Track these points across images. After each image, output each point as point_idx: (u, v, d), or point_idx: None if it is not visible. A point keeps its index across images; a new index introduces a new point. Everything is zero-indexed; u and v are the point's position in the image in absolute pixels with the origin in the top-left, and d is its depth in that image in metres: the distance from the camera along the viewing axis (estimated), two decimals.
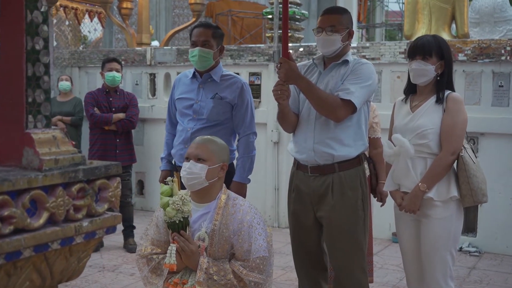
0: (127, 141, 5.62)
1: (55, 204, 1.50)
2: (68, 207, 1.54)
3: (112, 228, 1.69)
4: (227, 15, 17.49)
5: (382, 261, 5.29)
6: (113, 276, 4.78)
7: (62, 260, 1.59)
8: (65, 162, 1.55)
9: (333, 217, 3.06)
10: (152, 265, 2.82)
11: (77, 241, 1.58)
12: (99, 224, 1.63)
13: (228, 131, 3.61)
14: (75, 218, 1.57)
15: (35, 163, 1.50)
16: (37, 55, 1.54)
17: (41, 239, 1.47)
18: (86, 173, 1.58)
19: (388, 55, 6.05)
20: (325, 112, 3.03)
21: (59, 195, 1.51)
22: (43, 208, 1.48)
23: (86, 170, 1.58)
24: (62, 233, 1.52)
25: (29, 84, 1.52)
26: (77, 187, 1.56)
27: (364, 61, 3.15)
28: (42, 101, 1.56)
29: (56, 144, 1.56)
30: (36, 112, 1.55)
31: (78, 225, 1.57)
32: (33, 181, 1.44)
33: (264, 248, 2.69)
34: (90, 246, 1.67)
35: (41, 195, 1.47)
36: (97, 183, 1.62)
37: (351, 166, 3.10)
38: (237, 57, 6.79)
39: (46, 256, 1.54)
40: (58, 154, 1.55)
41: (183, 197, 2.61)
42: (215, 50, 3.55)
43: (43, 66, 1.56)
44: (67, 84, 6.93)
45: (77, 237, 1.58)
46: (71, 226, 1.55)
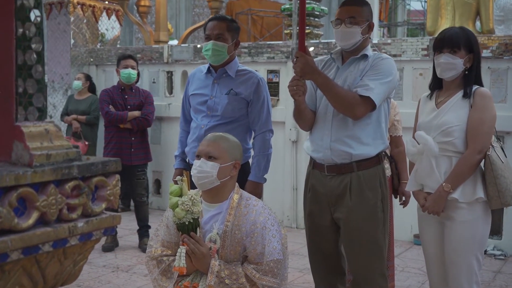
0: (143, 139, 5.52)
1: (46, 203, 1.38)
2: (61, 206, 1.43)
3: (111, 229, 1.57)
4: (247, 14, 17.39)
5: (403, 264, 5.12)
6: (127, 277, 4.69)
7: (56, 263, 1.48)
8: (58, 157, 1.43)
9: (351, 219, 2.92)
10: (162, 268, 2.70)
11: (72, 243, 1.46)
12: (96, 225, 1.52)
13: (243, 128, 3.48)
14: (69, 218, 1.45)
15: (25, 158, 1.39)
16: (28, 42, 1.42)
17: (30, 241, 1.36)
18: (81, 170, 1.46)
19: (410, 52, 5.88)
20: (342, 109, 2.89)
21: (50, 193, 1.39)
22: (32, 207, 1.37)
23: (81, 167, 1.46)
24: (54, 235, 1.41)
25: (20, 74, 1.41)
26: (71, 184, 1.45)
27: (385, 56, 3.00)
28: (34, 92, 1.45)
29: (49, 138, 1.44)
30: (27, 104, 1.44)
31: (72, 226, 1.45)
32: (21, 177, 1.32)
33: (278, 250, 2.56)
34: (87, 248, 1.55)
35: (30, 193, 1.35)
36: (93, 181, 1.50)
37: (370, 165, 2.95)
38: (255, 55, 6.67)
39: (37, 259, 1.42)
40: (51, 149, 1.43)
41: (193, 197, 2.48)
42: (230, 44, 3.42)
43: (36, 55, 1.44)
44: (77, 83, 6.89)
45: (72, 238, 1.46)
46: (64, 227, 1.44)
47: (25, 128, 1.41)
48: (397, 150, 3.91)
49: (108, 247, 5.43)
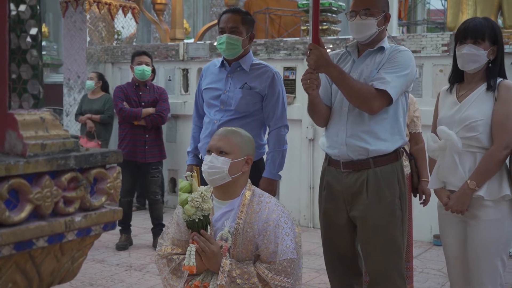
0: (157, 136, 5.45)
1: (40, 196, 1.30)
2: (57, 199, 1.34)
3: (112, 224, 1.49)
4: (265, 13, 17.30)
5: (422, 265, 4.99)
6: (140, 276, 4.62)
7: (52, 260, 1.40)
8: (53, 147, 1.35)
9: (368, 217, 2.81)
10: (172, 266, 2.62)
11: (69, 238, 1.38)
12: (95, 220, 1.43)
13: (257, 124, 3.38)
14: (65, 212, 1.37)
15: (18, 148, 1.31)
16: (22, 25, 1.34)
17: (23, 235, 1.27)
18: (78, 161, 1.37)
19: (430, 48, 5.73)
20: (358, 103, 2.78)
21: (45, 185, 1.31)
22: (25, 200, 1.29)
23: (79, 158, 1.37)
24: (49, 229, 1.32)
25: (13, 58, 1.33)
26: (68, 176, 1.36)
27: (402, 48, 2.89)
28: (29, 78, 1.37)
29: (45, 127, 1.36)
30: (21, 90, 1.35)
31: (69, 220, 1.37)
32: (13, 168, 1.24)
33: (292, 249, 2.46)
34: (85, 244, 1.47)
35: (23, 185, 1.27)
36: (92, 173, 1.42)
37: (387, 161, 2.84)
38: (271, 51, 6.57)
39: (31, 255, 1.34)
40: (46, 138, 1.35)
41: (203, 194, 2.40)
42: (244, 37, 3.33)
43: (31, 38, 1.36)
44: (89, 83, 6.88)
45: (68, 233, 1.37)
46: (60, 221, 1.35)
47: (18, 116, 1.33)
48: (417, 147, 3.79)
49: (122, 245, 5.37)
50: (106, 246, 5.46)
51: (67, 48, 7.91)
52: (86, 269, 4.74)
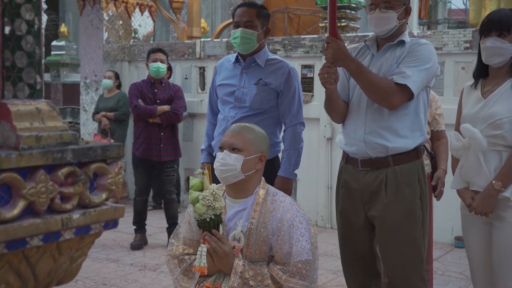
0: (172, 134, 5.37)
1: (34, 191, 1.22)
2: (53, 195, 1.26)
3: (113, 222, 1.40)
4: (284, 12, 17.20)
5: (443, 268, 4.85)
6: (154, 276, 4.55)
7: (48, 259, 1.31)
8: (50, 140, 1.27)
9: (387, 217, 2.70)
10: (183, 267, 2.54)
11: (66, 237, 1.30)
12: (95, 217, 1.34)
13: (272, 121, 3.28)
14: (62, 209, 1.28)
15: (11, 140, 1.22)
16: (17, 10, 1.26)
17: (15, 233, 1.19)
18: (76, 154, 1.29)
19: (452, 45, 5.59)
20: (377, 98, 2.67)
21: (40, 180, 1.23)
22: (18, 195, 1.21)
23: (77, 151, 1.29)
24: (44, 227, 1.24)
25: (7, 45, 1.25)
26: (65, 171, 1.28)
27: (423, 42, 2.77)
28: (24, 66, 1.28)
29: (41, 118, 1.28)
30: (16, 79, 1.27)
31: (66, 218, 1.28)
32: (4, 161, 1.16)
33: (307, 250, 2.36)
34: (85, 243, 1.38)
35: (15, 179, 1.19)
36: (91, 167, 1.33)
37: (407, 159, 2.72)
38: (289, 49, 6.47)
39: (25, 254, 1.26)
40: (42, 130, 1.27)
41: (215, 192, 2.30)
42: (260, 32, 3.23)
43: (26, 24, 1.28)
44: (108, 83, 6.87)
45: (66, 232, 1.29)
46: (56, 219, 1.27)
47: (12, 106, 1.25)
48: (439, 142, 3.65)
49: (136, 245, 5.31)
50: (121, 246, 5.40)
51: (84, 46, 7.89)
52: (100, 268, 4.69)
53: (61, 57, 16.51)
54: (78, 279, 4.39)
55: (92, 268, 4.70)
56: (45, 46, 18.10)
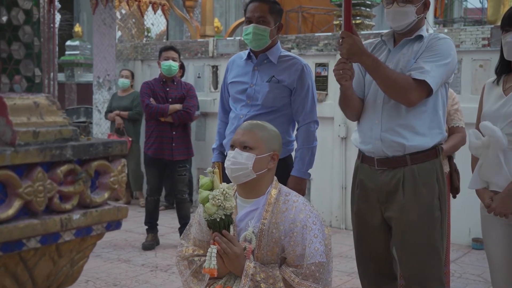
0: (184, 133, 5.30)
1: (31, 190, 1.15)
2: (51, 195, 1.19)
3: (116, 223, 1.33)
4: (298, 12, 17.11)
5: (461, 270, 4.74)
6: (165, 277, 4.49)
7: (47, 262, 1.24)
8: (48, 136, 1.20)
9: (404, 218, 2.61)
10: (193, 269, 2.47)
11: (65, 238, 1.23)
12: (96, 218, 1.27)
13: (285, 119, 3.20)
14: (61, 209, 1.21)
15: (7, 135, 1.16)
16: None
17: (10, 235, 1.12)
18: (76, 151, 1.22)
19: (469, 42, 5.46)
20: (394, 95, 2.58)
21: (37, 178, 1.16)
22: (14, 195, 1.14)
23: (77, 148, 1.22)
24: (42, 228, 1.17)
25: (3, 35, 1.18)
26: (65, 169, 1.21)
27: (442, 36, 2.68)
28: (21, 58, 1.22)
29: (39, 113, 1.21)
30: (12, 71, 1.21)
31: (65, 218, 1.21)
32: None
33: (321, 252, 2.28)
34: (87, 245, 1.31)
35: (10, 177, 1.12)
36: (93, 165, 1.26)
37: (425, 158, 2.63)
38: (302, 47, 6.38)
39: (22, 256, 1.19)
40: (40, 125, 1.20)
41: (225, 191, 2.23)
42: (272, 28, 3.15)
43: (23, 13, 1.21)
44: (125, 82, 6.84)
45: (65, 233, 1.22)
46: (55, 219, 1.20)
47: (8, 100, 1.18)
48: (453, 135, 3.54)
49: (148, 245, 5.25)
50: (132, 246, 5.35)
51: (97, 45, 7.85)
52: (111, 269, 4.64)
53: (75, 57, 16.56)
54: (89, 280, 4.34)
55: (103, 268, 4.65)
56: (59, 46, 18.14)
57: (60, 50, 18.09)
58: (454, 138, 3.53)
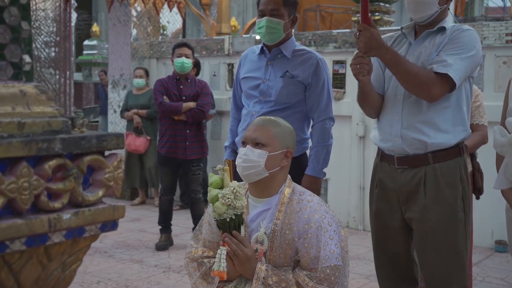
0: (198, 132, 5.19)
1: (15, 187, 1.05)
2: (38, 192, 1.09)
3: (112, 224, 1.22)
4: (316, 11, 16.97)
5: (483, 273, 4.58)
6: (178, 278, 4.39)
7: (35, 266, 1.14)
8: (35, 127, 1.09)
9: (426, 220, 2.47)
10: (203, 271, 2.36)
11: (54, 240, 1.12)
12: (89, 217, 1.17)
13: (300, 116, 3.07)
14: (49, 208, 1.11)
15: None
16: None
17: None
18: (66, 145, 1.11)
19: (492, 38, 5.29)
20: (415, 90, 2.45)
21: (22, 174, 1.05)
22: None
23: (67, 141, 1.11)
24: (27, 228, 1.07)
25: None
26: (53, 163, 1.10)
27: (465, 28, 2.54)
28: (7, 42, 1.11)
29: (25, 102, 1.10)
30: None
31: (54, 218, 1.11)
32: None
33: (337, 255, 2.15)
34: (80, 247, 1.21)
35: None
36: (85, 160, 1.15)
37: (448, 156, 2.49)
38: (319, 44, 6.24)
39: (6, 260, 1.09)
40: (26, 116, 1.09)
41: (235, 190, 2.11)
42: (286, 21, 3.02)
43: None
44: (140, 82, 6.78)
45: (54, 234, 1.12)
46: (42, 219, 1.09)
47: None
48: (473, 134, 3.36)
49: (161, 245, 5.15)
50: (146, 246, 5.26)
51: (112, 43, 7.80)
52: (123, 269, 4.55)
53: (92, 56, 16.61)
54: (101, 280, 4.26)
55: (115, 269, 4.56)
56: (77, 46, 18.22)
57: (78, 50, 18.18)
58: (474, 137, 3.37)
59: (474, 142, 3.38)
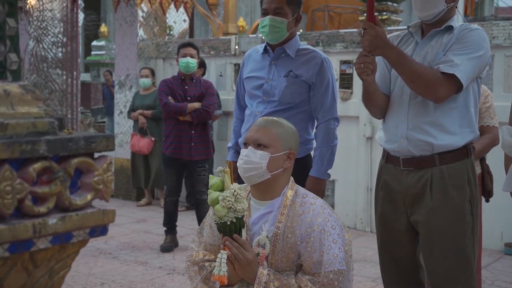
0: (203, 133, 5.14)
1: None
2: (22, 196, 1.04)
3: (101, 229, 1.17)
4: (324, 11, 16.91)
5: (492, 277, 4.50)
6: (182, 280, 4.34)
7: (20, 273, 1.09)
8: (19, 128, 1.05)
9: (432, 223, 2.41)
10: (204, 275, 2.31)
11: (40, 246, 1.07)
12: (77, 222, 1.12)
13: (304, 116, 3.02)
14: (34, 213, 1.06)
15: None
16: None
17: None
18: (52, 147, 1.07)
19: (502, 37, 5.21)
20: (421, 90, 2.40)
21: (4, 177, 1.01)
22: None
23: (53, 142, 1.07)
24: (10, 234, 1.02)
25: None
26: (38, 166, 1.05)
27: (474, 27, 2.48)
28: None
29: (9, 102, 1.06)
30: None
31: (39, 223, 1.06)
32: None
33: (340, 259, 2.10)
34: (68, 253, 1.16)
35: None
36: (72, 163, 1.11)
37: (456, 158, 2.43)
38: (326, 44, 6.18)
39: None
40: (10, 117, 1.05)
41: (236, 192, 2.06)
42: (290, 19, 2.97)
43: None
44: (146, 82, 6.75)
45: (39, 240, 1.07)
46: (26, 224, 1.05)
47: None
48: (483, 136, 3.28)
49: (166, 247, 5.11)
50: (151, 248, 5.22)
51: (118, 44, 7.77)
52: (127, 271, 4.52)
53: (101, 57, 16.62)
54: (104, 282, 4.22)
55: (119, 270, 4.53)
56: (86, 46, 18.24)
57: (86, 50, 18.20)
58: (483, 139, 3.30)
59: (483, 146, 3.30)
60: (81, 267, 4.55)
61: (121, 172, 7.57)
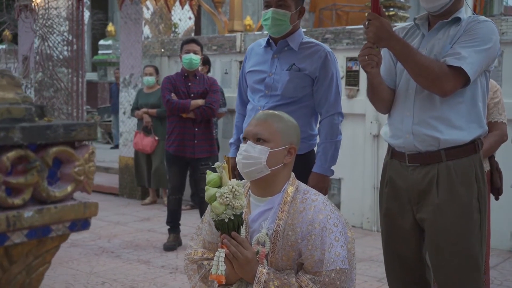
0: (207, 130, 5.07)
1: None
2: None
3: (82, 223, 1.10)
4: (331, 10, 16.81)
5: (501, 277, 4.41)
6: (185, 279, 4.27)
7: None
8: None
9: (439, 221, 2.33)
10: (202, 273, 2.25)
11: (15, 240, 1.00)
12: (56, 215, 1.05)
13: (307, 111, 2.94)
14: (8, 205, 0.99)
15: None
16: None
17: None
18: (28, 134, 1.00)
19: (511, 33, 5.11)
20: (426, 84, 2.32)
21: None
22: None
23: (29, 130, 1.00)
24: None
25: None
26: (12, 155, 0.98)
27: (482, 19, 2.39)
28: None
29: None
30: None
31: (14, 216, 0.99)
32: None
33: (343, 258, 2.02)
34: (47, 248, 1.09)
35: None
36: (50, 152, 1.04)
37: (463, 154, 2.35)
38: (333, 41, 6.10)
39: None
40: None
41: (234, 188, 1.99)
42: (293, 12, 2.89)
43: None
44: (150, 80, 6.69)
45: (14, 234, 1.00)
46: (0, 217, 0.98)
47: None
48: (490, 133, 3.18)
49: (169, 246, 5.05)
50: (154, 246, 5.16)
51: (123, 41, 7.72)
52: (129, 270, 4.45)
53: (108, 56, 16.60)
54: (105, 281, 4.16)
55: (121, 269, 4.47)
56: (93, 45, 18.23)
57: (93, 49, 18.19)
58: (491, 137, 3.21)
59: (491, 144, 3.22)
60: (82, 266, 4.49)
61: (126, 170, 7.52)
